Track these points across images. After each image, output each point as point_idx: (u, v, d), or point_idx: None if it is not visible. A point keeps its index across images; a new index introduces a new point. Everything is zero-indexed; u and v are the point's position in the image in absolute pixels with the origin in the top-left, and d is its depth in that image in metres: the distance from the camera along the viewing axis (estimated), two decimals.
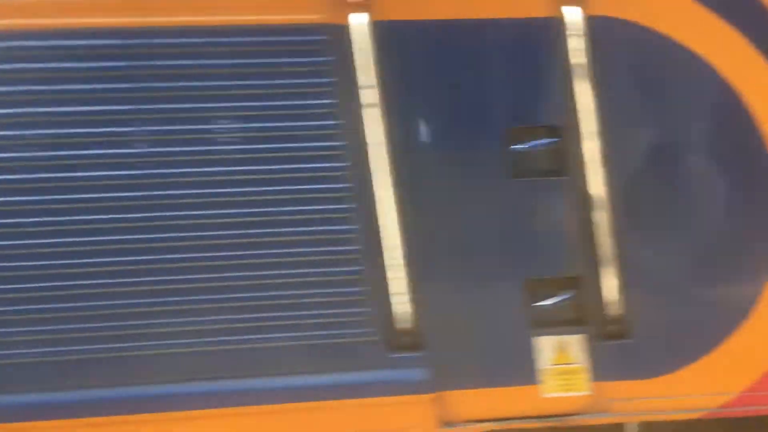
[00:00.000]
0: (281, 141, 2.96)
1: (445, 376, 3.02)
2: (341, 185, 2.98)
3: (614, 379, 3.09)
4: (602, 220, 2.99)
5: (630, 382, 3.10)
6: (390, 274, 2.96)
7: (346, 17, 2.90)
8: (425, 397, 3.02)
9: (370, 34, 2.89)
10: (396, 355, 3.02)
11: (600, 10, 2.96)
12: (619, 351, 3.08)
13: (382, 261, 2.97)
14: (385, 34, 2.91)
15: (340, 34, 2.91)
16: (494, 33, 2.96)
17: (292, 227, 2.98)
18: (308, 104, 2.95)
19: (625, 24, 2.96)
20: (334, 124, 2.95)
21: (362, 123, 2.92)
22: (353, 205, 2.98)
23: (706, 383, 3.13)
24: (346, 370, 3.02)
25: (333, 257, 3.00)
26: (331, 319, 3.01)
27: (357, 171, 2.96)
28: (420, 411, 3.03)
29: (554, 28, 2.95)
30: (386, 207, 2.94)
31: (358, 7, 2.90)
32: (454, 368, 3.03)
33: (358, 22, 2.89)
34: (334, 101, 2.94)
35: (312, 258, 2.99)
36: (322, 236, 2.98)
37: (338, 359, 3.01)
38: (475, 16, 2.94)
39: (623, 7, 2.96)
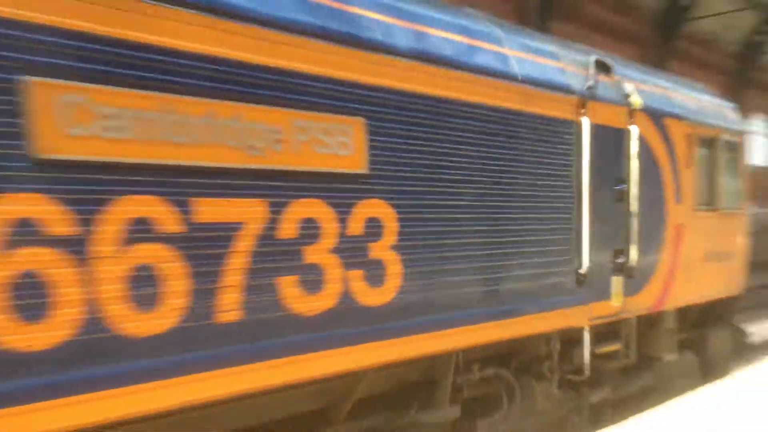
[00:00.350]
0: (544, 177, 5.78)
1: (591, 296, 6.22)
2: (569, 204, 5.96)
3: (628, 296, 6.73)
4: (634, 224, 6.66)
5: (630, 297, 6.78)
6: (583, 250, 6.06)
7: (580, 118, 5.95)
8: (586, 307, 6.17)
9: (589, 127, 6.01)
10: (579, 288, 6.09)
11: (641, 131, 6.66)
12: (629, 284, 6.74)
13: (580, 244, 6.04)
14: (592, 128, 6.06)
15: (579, 125, 5.94)
16: (610, 133, 6.37)
17: (542, 225, 5.79)
18: (561, 159, 5.86)
19: (643, 137, 6.73)
20: (570, 170, 5.94)
21: (583, 170, 5.99)
22: (572, 214, 5.98)
23: (646, 298, 7.04)
24: (558, 295, 5.94)
25: (561, 236, 5.92)
26: (556, 270, 5.91)
27: (576, 195, 5.99)
28: (583, 313, 6.15)
29: (626, 133, 6.53)
30: (585, 216, 6.05)
31: (585, 114, 5.99)
32: (594, 292, 6.25)
33: (585, 122, 5.98)
34: (572, 158, 5.93)
35: (550, 237, 5.85)
36: (558, 226, 5.89)
37: (556, 290, 5.91)
38: (606, 124, 6.31)
39: (642, 126, 6.73)
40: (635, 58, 16.08)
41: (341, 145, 4.14)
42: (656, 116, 7.04)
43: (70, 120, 3.05)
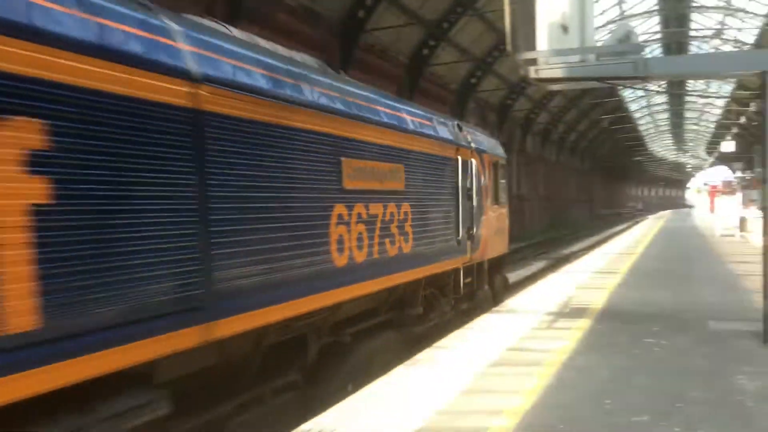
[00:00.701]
0: (447, 190, 11.03)
1: (461, 252, 11.55)
2: (454, 203, 11.25)
3: (471, 253, 12.21)
4: (474, 212, 12.19)
5: (474, 253, 12.27)
6: (459, 227, 11.40)
7: (457, 157, 11.33)
8: (460, 258, 11.49)
9: (459, 162, 11.41)
10: (458, 247, 11.40)
11: (475, 161, 12.25)
12: (473, 246, 12.23)
13: (458, 224, 11.38)
14: (461, 162, 11.46)
15: (456, 161, 11.30)
16: (465, 163, 11.85)
17: (446, 215, 11.05)
18: (451, 180, 11.15)
19: (477, 165, 12.34)
20: (454, 185, 11.25)
21: (459, 185, 11.33)
22: (454, 209, 11.28)
23: (479, 253, 12.60)
24: (451, 252, 11.18)
25: (452, 221, 11.18)
26: (451, 238, 11.16)
27: (455, 198, 11.32)
28: (460, 261, 11.46)
29: (470, 162, 12.07)
30: (460, 209, 11.40)
31: (458, 155, 11.37)
32: (462, 250, 11.58)
33: (459, 159, 11.38)
34: (455, 179, 11.26)
35: (449, 221, 11.09)
36: (451, 215, 11.15)
37: (451, 249, 11.14)
38: (463, 158, 11.78)
39: (475, 159, 12.34)
40: None
41: (399, 177, 8.97)
42: (479, 152, 12.66)
43: (348, 171, 7.58)
